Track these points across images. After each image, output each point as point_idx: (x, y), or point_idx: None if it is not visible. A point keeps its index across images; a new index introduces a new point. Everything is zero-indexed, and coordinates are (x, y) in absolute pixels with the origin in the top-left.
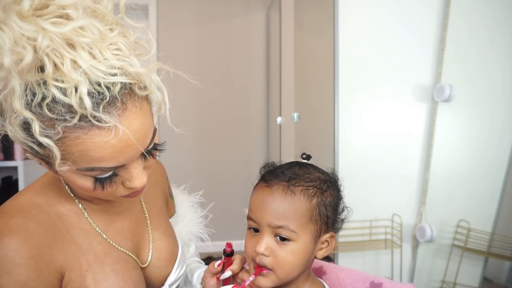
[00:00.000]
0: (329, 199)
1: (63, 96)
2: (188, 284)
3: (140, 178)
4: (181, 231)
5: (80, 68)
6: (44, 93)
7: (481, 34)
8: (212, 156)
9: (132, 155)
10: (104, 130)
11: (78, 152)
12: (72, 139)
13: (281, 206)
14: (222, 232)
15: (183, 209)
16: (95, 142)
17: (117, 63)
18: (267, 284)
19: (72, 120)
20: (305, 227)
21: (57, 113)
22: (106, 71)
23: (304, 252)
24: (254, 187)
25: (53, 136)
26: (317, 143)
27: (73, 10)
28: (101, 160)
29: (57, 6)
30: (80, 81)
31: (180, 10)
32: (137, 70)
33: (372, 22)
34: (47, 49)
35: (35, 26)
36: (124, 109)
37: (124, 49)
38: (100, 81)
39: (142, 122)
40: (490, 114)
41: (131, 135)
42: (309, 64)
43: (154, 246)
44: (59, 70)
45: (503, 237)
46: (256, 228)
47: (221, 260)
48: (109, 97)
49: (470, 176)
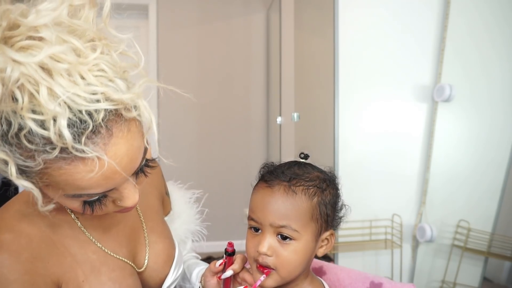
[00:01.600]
0: (329, 197)
1: (41, 129)
2: (186, 281)
3: (131, 198)
4: (178, 229)
5: (59, 97)
6: (20, 123)
7: (481, 34)
8: (212, 156)
9: (120, 180)
10: (88, 160)
11: (62, 181)
12: (55, 169)
13: (283, 206)
14: (222, 232)
15: (179, 205)
16: (79, 173)
17: (99, 88)
18: (270, 284)
19: (52, 152)
20: (307, 226)
21: (36, 145)
22: (88, 97)
23: (306, 251)
24: (254, 188)
25: (34, 167)
26: (317, 143)
27: (47, 31)
28: (88, 188)
29: (27, 28)
30: (58, 112)
31: (180, 10)
32: (121, 97)
33: (372, 22)
34: (18, 81)
35: (2, 55)
36: (109, 135)
37: (107, 70)
38: (81, 109)
39: (130, 145)
40: (490, 114)
41: (116, 165)
42: (309, 64)
43: (151, 249)
44: (35, 99)
45: (503, 237)
46: (257, 228)
47: (223, 260)
48: (92, 126)
49: (470, 176)
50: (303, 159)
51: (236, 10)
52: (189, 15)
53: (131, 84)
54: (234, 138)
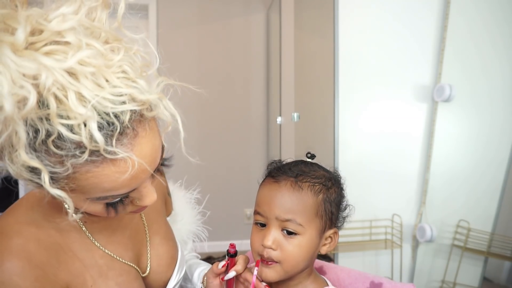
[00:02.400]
0: (334, 195)
1: (71, 133)
2: (188, 282)
3: (150, 196)
4: (180, 230)
5: (87, 101)
6: (48, 129)
7: (481, 34)
8: (212, 156)
9: (144, 178)
10: (117, 161)
11: (89, 185)
12: (83, 173)
13: (289, 200)
14: (223, 232)
15: (180, 206)
16: (107, 175)
17: (125, 90)
18: (273, 275)
19: (82, 156)
20: (312, 221)
21: (65, 150)
22: (114, 99)
23: (309, 246)
24: (261, 183)
25: (62, 173)
26: (317, 143)
27: (71, 35)
28: (114, 189)
29: (51, 32)
30: (89, 116)
31: (180, 10)
32: (147, 98)
33: (372, 22)
34: (53, 87)
35: (34, 62)
36: (135, 135)
37: (129, 71)
38: (109, 112)
39: (152, 144)
40: (490, 114)
41: (145, 164)
42: (309, 64)
43: (155, 252)
44: (63, 104)
45: (503, 237)
46: (262, 222)
47: (225, 261)
48: (120, 127)
49: (470, 176)
50: (310, 159)
51: (236, 10)
52: (189, 15)
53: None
54: (234, 138)
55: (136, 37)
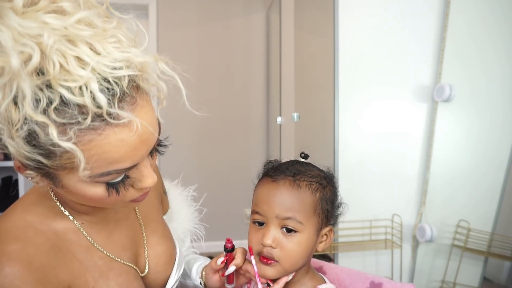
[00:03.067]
0: (329, 194)
1: (74, 96)
2: (186, 277)
3: (151, 177)
4: (177, 228)
5: (86, 64)
6: (49, 96)
7: (481, 34)
8: (212, 156)
9: (145, 152)
10: (119, 127)
11: (92, 156)
12: (85, 143)
13: (288, 199)
14: (222, 231)
15: (176, 204)
16: (111, 143)
17: (120, 55)
18: (272, 273)
19: (85, 121)
20: (310, 219)
21: (68, 117)
22: (111, 65)
23: (308, 244)
24: (258, 183)
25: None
26: (317, 143)
27: (68, 3)
28: (118, 161)
29: (48, 1)
30: (90, 78)
31: (180, 10)
32: (144, 60)
33: (372, 22)
34: (55, 46)
35: (36, 21)
36: (134, 103)
37: (124, 41)
38: (107, 77)
39: (151, 115)
40: (490, 114)
41: (149, 126)
42: (309, 64)
43: (153, 251)
44: (63, 69)
45: (503, 237)
46: (261, 221)
47: (224, 257)
48: (119, 92)
49: (470, 176)
50: (304, 159)
51: (236, 10)
52: (189, 15)
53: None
54: (234, 138)
55: (125, 17)
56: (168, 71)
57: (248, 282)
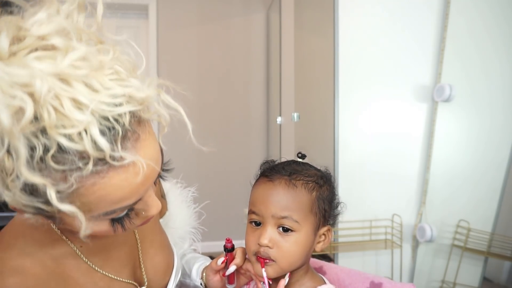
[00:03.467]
0: (326, 193)
1: (73, 143)
2: (186, 277)
3: (156, 205)
4: (177, 229)
5: (84, 106)
6: (45, 144)
7: (481, 34)
8: (212, 155)
9: (150, 185)
10: (124, 167)
11: (96, 199)
12: (88, 187)
13: (284, 198)
14: (222, 231)
15: (176, 205)
16: (115, 184)
17: (120, 90)
18: (270, 273)
19: (86, 166)
20: (307, 218)
21: (68, 163)
22: (111, 102)
23: (305, 243)
24: (255, 183)
25: (67, 190)
26: (317, 143)
27: (57, 38)
28: (122, 200)
29: (34, 38)
30: (89, 122)
31: (180, 10)
32: (146, 94)
33: (372, 22)
34: (49, 94)
35: (25, 68)
36: (137, 138)
37: (121, 72)
38: (107, 116)
39: (154, 147)
40: (490, 114)
41: (153, 165)
42: (309, 64)
43: (151, 262)
44: (59, 113)
45: (503, 237)
46: (258, 221)
47: (224, 257)
48: (121, 131)
49: (470, 176)
50: (301, 159)
51: (236, 10)
52: (189, 15)
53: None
54: (234, 138)
55: (119, 38)
56: (171, 103)
57: (247, 283)
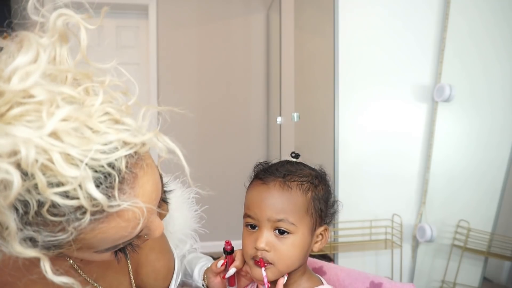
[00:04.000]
0: (322, 192)
1: (68, 200)
2: (188, 277)
3: (159, 228)
4: (178, 230)
5: (76, 160)
6: (39, 199)
7: (481, 34)
8: (212, 156)
9: (151, 214)
10: (123, 212)
11: (97, 241)
12: (88, 232)
13: (279, 201)
14: (222, 232)
15: (177, 205)
16: (115, 227)
17: (114, 136)
18: (269, 276)
19: (84, 217)
20: (303, 219)
21: (64, 216)
22: (105, 149)
23: (302, 244)
24: (249, 186)
25: (66, 238)
26: (317, 143)
27: (39, 90)
28: (123, 238)
29: (14, 93)
30: (83, 177)
31: (180, 9)
32: (142, 140)
33: (372, 22)
34: (39, 158)
35: (6, 137)
36: (134, 178)
37: (113, 112)
38: (102, 164)
39: (153, 180)
40: (490, 114)
41: (153, 207)
42: (309, 64)
43: (152, 268)
44: (50, 170)
45: (503, 237)
46: (253, 225)
47: (224, 260)
48: (118, 177)
49: (470, 176)
50: (294, 158)
51: (236, 10)
52: (189, 15)
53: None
54: (234, 138)
55: (106, 67)
56: (169, 144)
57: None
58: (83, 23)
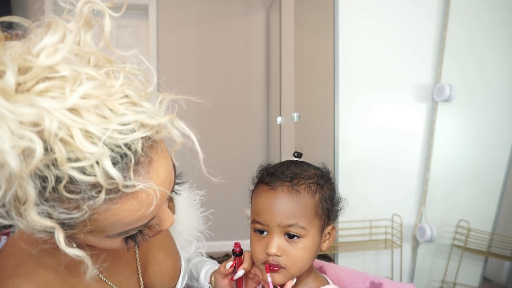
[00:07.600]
0: (328, 192)
1: (85, 175)
2: (194, 281)
3: (170, 219)
4: (183, 233)
5: (95, 137)
6: (57, 175)
7: (481, 34)
8: (212, 155)
9: (163, 203)
10: (137, 193)
11: (109, 223)
12: (101, 213)
13: (289, 206)
14: (223, 232)
15: (183, 208)
16: (128, 209)
17: (132, 117)
18: (280, 279)
19: (99, 196)
20: (312, 222)
21: (80, 193)
22: (123, 129)
23: (313, 247)
24: (255, 191)
25: (80, 217)
26: (317, 143)
27: (65, 68)
28: (135, 222)
29: (41, 68)
30: (101, 154)
31: (180, 10)
32: (158, 122)
33: (372, 22)
34: (60, 132)
35: (32, 106)
36: (149, 162)
37: (132, 95)
38: (119, 144)
39: (167, 166)
40: (490, 114)
41: (166, 190)
42: (309, 64)
43: (159, 268)
44: (69, 146)
45: (503, 237)
46: (262, 230)
47: (233, 262)
48: (134, 158)
49: (470, 176)
50: (297, 158)
51: (236, 10)
52: (189, 15)
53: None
54: (234, 138)
55: (128, 54)
56: (185, 129)
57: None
58: (107, 10)
